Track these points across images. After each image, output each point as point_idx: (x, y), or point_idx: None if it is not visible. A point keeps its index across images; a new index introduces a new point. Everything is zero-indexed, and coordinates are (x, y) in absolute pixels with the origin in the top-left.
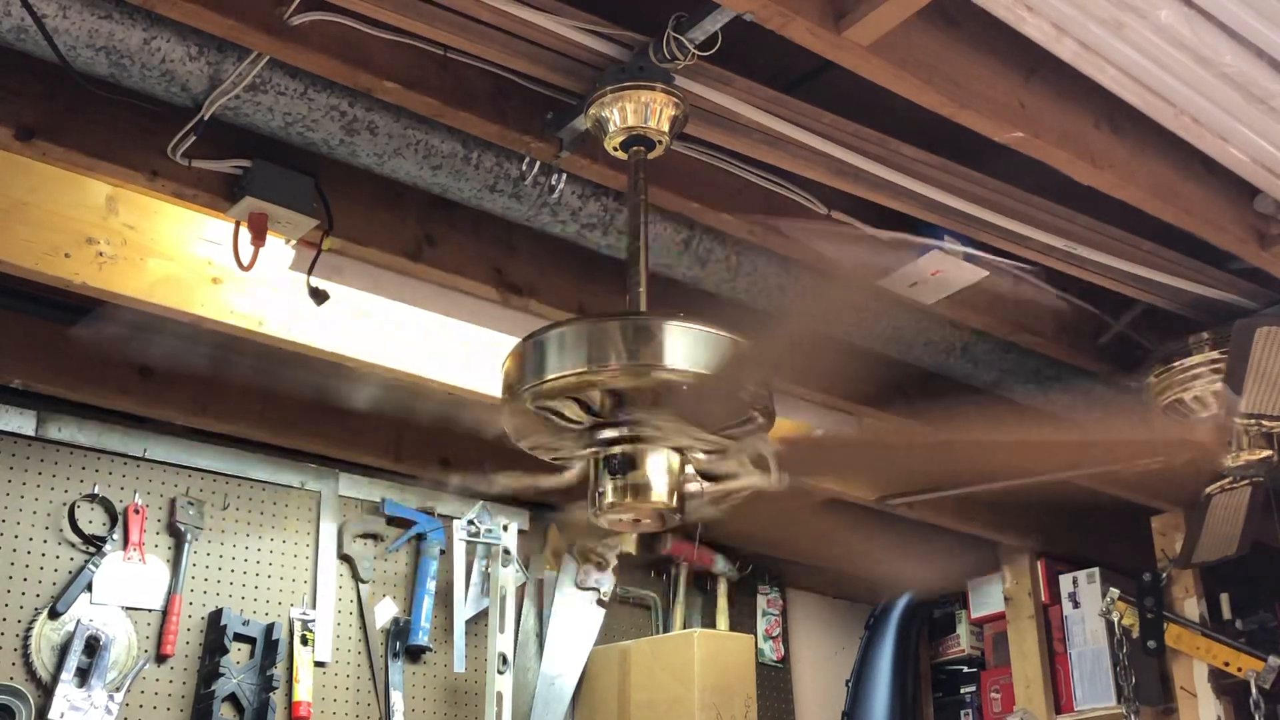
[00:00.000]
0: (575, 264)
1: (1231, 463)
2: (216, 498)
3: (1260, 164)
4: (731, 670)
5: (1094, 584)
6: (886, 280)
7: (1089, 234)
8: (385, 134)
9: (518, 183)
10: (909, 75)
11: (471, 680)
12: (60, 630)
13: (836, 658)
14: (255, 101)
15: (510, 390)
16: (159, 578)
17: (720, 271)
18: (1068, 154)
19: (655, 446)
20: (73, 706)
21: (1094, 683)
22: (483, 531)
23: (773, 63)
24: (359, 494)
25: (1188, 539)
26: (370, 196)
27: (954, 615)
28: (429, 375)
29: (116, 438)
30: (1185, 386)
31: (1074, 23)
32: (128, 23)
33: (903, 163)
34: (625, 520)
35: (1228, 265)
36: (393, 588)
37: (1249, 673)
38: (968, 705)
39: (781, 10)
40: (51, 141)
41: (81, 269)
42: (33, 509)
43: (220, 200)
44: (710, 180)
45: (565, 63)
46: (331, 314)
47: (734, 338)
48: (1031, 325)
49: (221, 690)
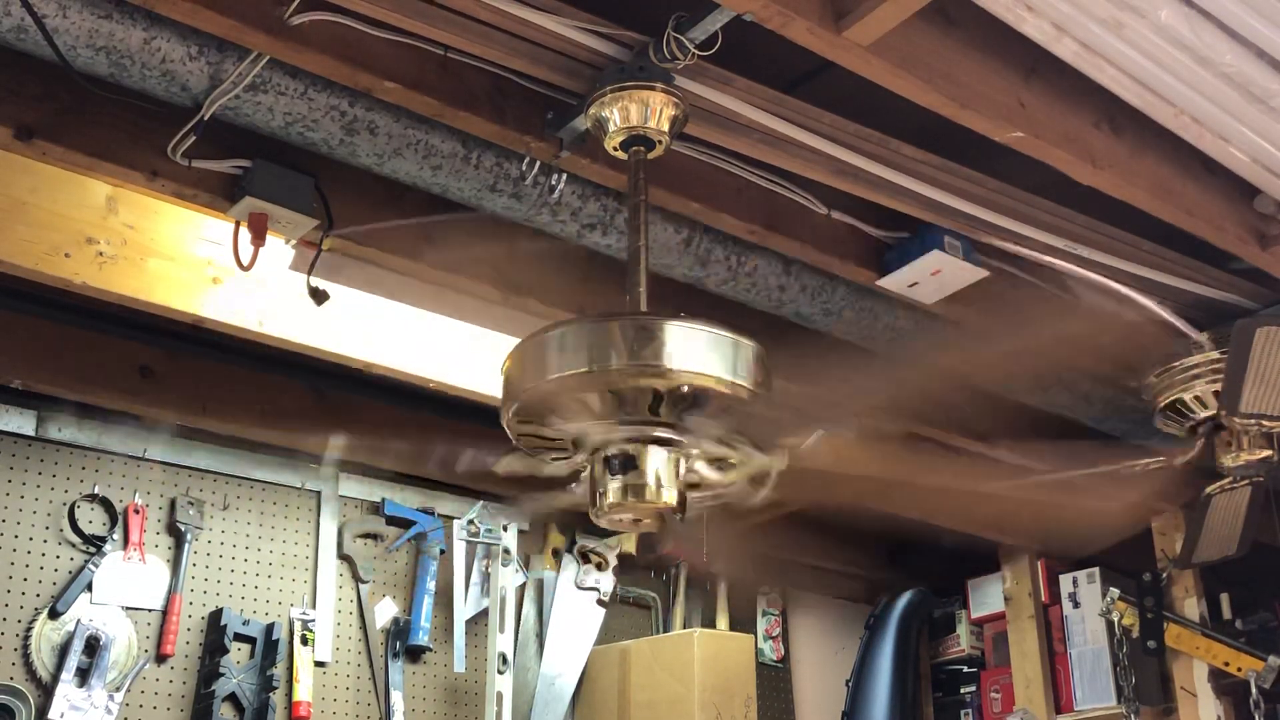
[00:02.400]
0: (575, 264)
1: (1231, 463)
2: (216, 498)
3: (1260, 164)
4: (731, 670)
5: (1094, 584)
6: (886, 280)
7: (1089, 234)
8: (385, 134)
9: (518, 183)
10: (909, 75)
11: (471, 680)
12: (60, 630)
13: (836, 658)
14: (255, 101)
15: (511, 390)
16: (159, 578)
17: (720, 271)
18: (1068, 154)
19: (655, 446)
20: (73, 706)
21: (1094, 683)
22: (483, 531)
23: (773, 63)
24: (359, 494)
25: (1188, 539)
26: (370, 196)
27: (954, 615)
28: (429, 375)
29: (116, 438)
30: (1185, 386)
31: (1074, 23)
32: (128, 23)
33: (903, 163)
34: (625, 520)
35: (1228, 265)
36: (393, 588)
37: (1249, 673)
38: (968, 705)
39: (781, 10)
40: (51, 141)
41: (81, 269)
42: (33, 509)
43: (220, 200)
44: (710, 180)
45: (565, 63)
46: (331, 314)
47: (736, 338)
48: (1031, 325)
49: (221, 690)
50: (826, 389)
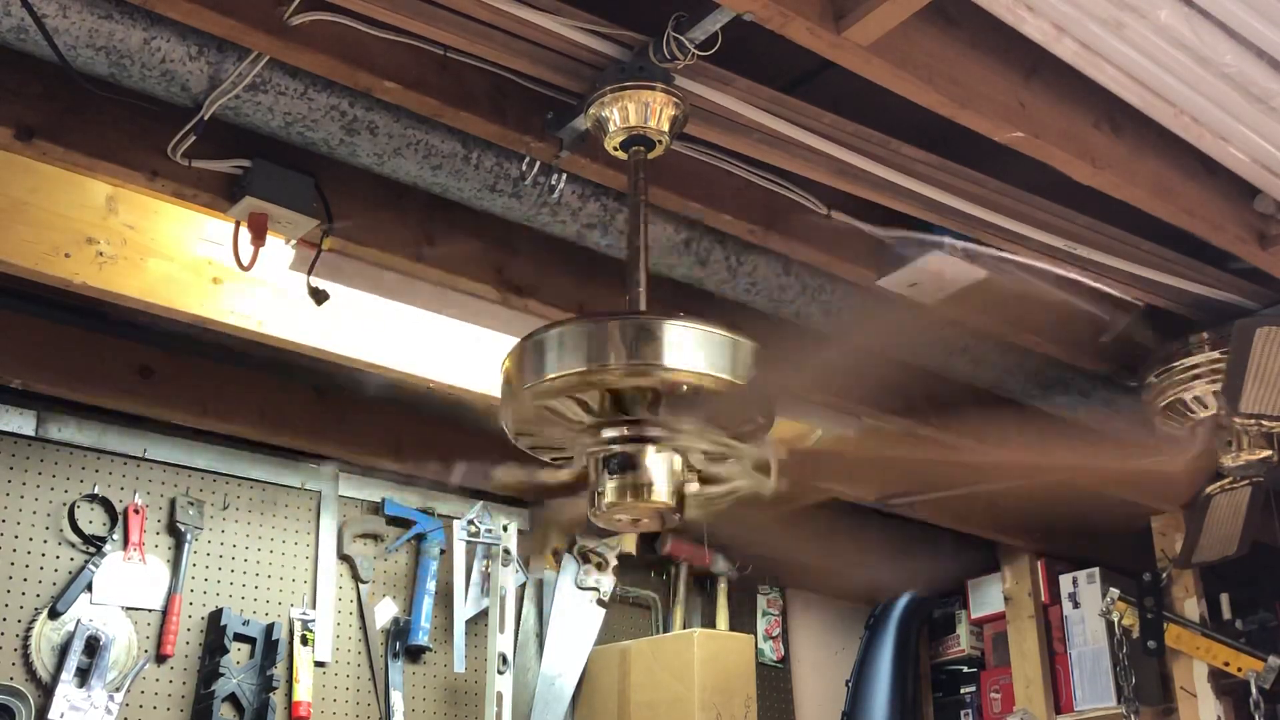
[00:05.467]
0: (575, 264)
1: (1231, 463)
2: (216, 498)
3: (1260, 164)
4: (731, 670)
5: (1094, 584)
6: (886, 280)
7: (1089, 234)
8: (385, 134)
9: (518, 183)
10: (909, 75)
11: (471, 680)
12: (60, 630)
13: (836, 658)
14: (255, 101)
15: (510, 390)
16: (159, 578)
17: (720, 271)
18: (1068, 154)
19: (655, 447)
20: (73, 706)
21: (1094, 683)
22: (483, 531)
23: (773, 63)
24: (359, 494)
25: (1188, 539)
26: (370, 196)
27: (954, 615)
28: (429, 375)
29: (116, 438)
30: (1185, 386)
31: (1074, 23)
32: (128, 23)
33: (903, 163)
34: (625, 520)
35: (1228, 265)
36: (393, 588)
37: (1249, 673)
38: (968, 705)
39: (781, 10)
40: (51, 141)
41: (81, 269)
42: (33, 509)
43: (220, 200)
44: (710, 180)
45: (565, 63)
46: (331, 314)
47: (734, 337)
48: (1032, 325)
49: (221, 690)
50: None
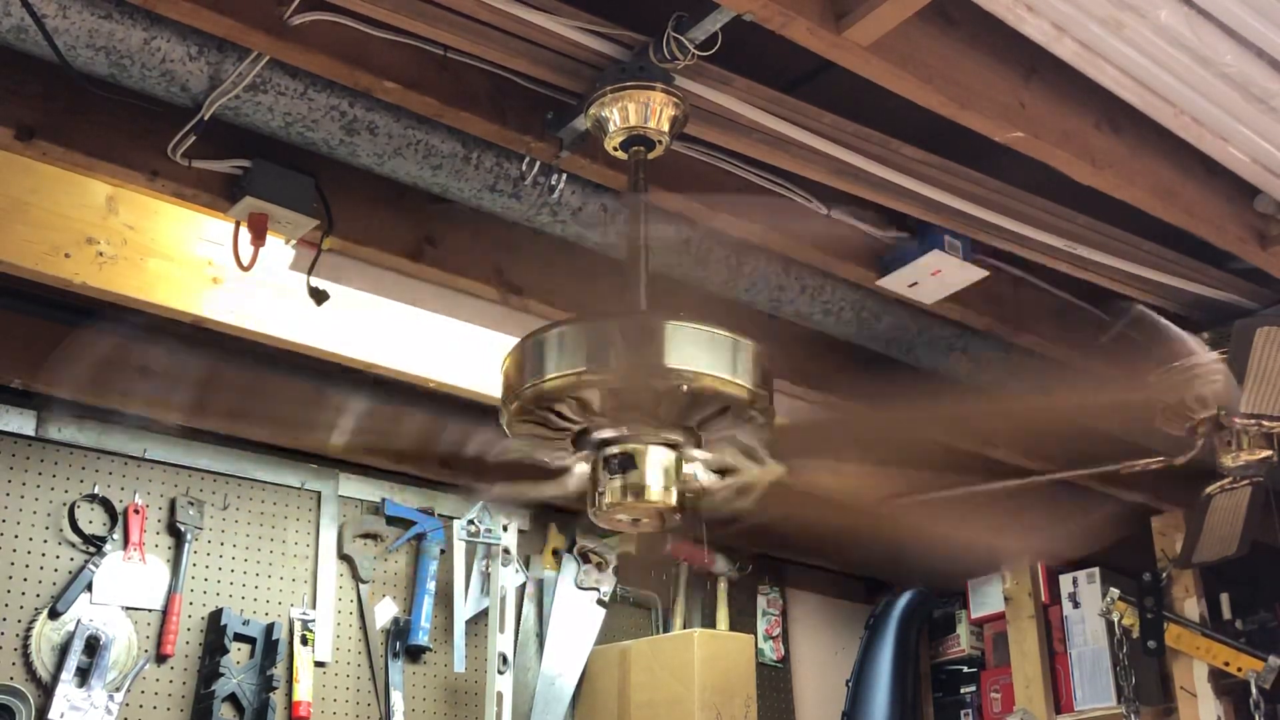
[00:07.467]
0: (575, 264)
1: (1231, 463)
2: (216, 498)
3: (1260, 164)
4: (731, 670)
5: (1094, 584)
6: (886, 280)
7: (1089, 234)
8: (385, 134)
9: (518, 183)
10: (909, 75)
11: (471, 680)
12: (60, 630)
13: (836, 658)
14: (255, 101)
15: (510, 390)
16: (159, 578)
17: (720, 271)
18: (1068, 154)
19: (655, 446)
20: (73, 706)
21: (1094, 683)
22: (483, 531)
23: (773, 63)
24: (359, 494)
25: (1188, 539)
26: (370, 196)
27: (954, 615)
28: (429, 375)
29: (116, 438)
30: (1185, 386)
31: (1074, 23)
32: (128, 23)
33: (903, 163)
34: (625, 520)
35: (1228, 265)
36: (393, 588)
37: (1249, 673)
38: (968, 705)
39: (781, 10)
40: (51, 141)
41: (81, 269)
42: (33, 509)
43: (220, 200)
44: (710, 180)
45: (565, 63)
46: (331, 314)
47: (735, 337)
48: (1032, 325)
49: (221, 690)
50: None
